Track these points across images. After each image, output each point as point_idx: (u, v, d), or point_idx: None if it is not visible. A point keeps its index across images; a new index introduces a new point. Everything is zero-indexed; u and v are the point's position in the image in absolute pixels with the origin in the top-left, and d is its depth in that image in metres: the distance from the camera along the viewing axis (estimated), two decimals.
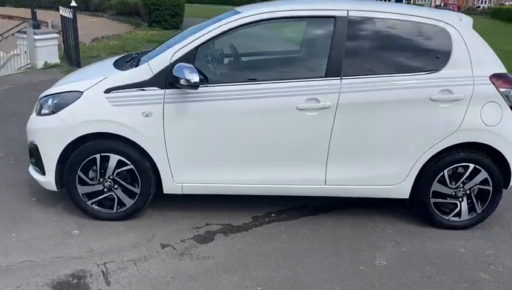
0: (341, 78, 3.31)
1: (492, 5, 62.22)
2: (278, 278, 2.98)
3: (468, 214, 3.59)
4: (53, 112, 3.40)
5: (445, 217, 3.61)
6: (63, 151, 3.37)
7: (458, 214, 3.59)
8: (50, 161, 3.43)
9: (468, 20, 3.52)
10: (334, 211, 3.89)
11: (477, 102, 3.36)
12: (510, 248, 3.45)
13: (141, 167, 3.42)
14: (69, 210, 3.67)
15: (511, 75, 3.49)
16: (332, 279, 2.99)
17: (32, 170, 3.67)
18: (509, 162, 3.46)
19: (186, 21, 21.85)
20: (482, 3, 72.29)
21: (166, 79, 3.28)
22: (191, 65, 3.18)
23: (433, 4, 73.48)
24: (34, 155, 3.52)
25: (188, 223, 3.60)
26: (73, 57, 9.71)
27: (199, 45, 3.31)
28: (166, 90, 3.29)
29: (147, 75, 3.31)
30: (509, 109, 3.43)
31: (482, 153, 3.46)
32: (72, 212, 3.63)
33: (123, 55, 4.29)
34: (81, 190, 3.48)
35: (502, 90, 3.40)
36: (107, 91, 3.32)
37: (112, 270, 2.98)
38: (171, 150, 3.37)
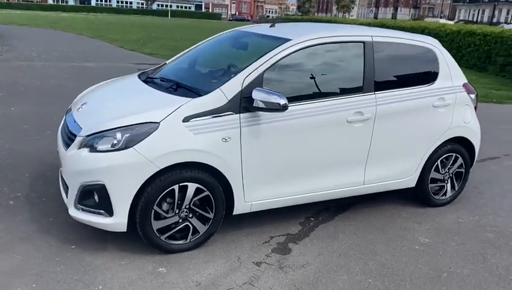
0: (375, 93, 3.94)
1: (279, 15, 70.61)
2: (373, 269, 3.44)
3: (450, 192, 4.62)
4: (125, 147, 3.15)
5: (436, 197, 4.57)
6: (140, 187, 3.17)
7: (445, 193, 4.59)
8: (123, 199, 3.17)
9: (438, 42, 4.53)
10: (352, 207, 4.48)
11: (459, 106, 4.40)
12: (483, 212, 4.58)
13: (216, 192, 3.44)
14: (127, 250, 3.42)
15: (470, 84, 4.65)
16: (411, 260, 3.59)
17: (83, 214, 3.28)
18: (475, 148, 4.61)
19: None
20: (270, 13, 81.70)
21: (241, 103, 3.40)
22: (271, 90, 3.37)
23: (229, 13, 79.26)
24: (98, 196, 3.18)
25: (253, 239, 3.73)
26: None
27: (266, 70, 3.51)
28: (241, 114, 3.40)
29: (222, 101, 3.36)
30: (474, 109, 4.57)
31: (458, 144, 4.51)
32: (133, 251, 3.40)
33: (138, 74, 4.10)
34: (156, 225, 3.31)
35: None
36: (186, 120, 3.26)
37: None
38: (246, 171, 3.49)
